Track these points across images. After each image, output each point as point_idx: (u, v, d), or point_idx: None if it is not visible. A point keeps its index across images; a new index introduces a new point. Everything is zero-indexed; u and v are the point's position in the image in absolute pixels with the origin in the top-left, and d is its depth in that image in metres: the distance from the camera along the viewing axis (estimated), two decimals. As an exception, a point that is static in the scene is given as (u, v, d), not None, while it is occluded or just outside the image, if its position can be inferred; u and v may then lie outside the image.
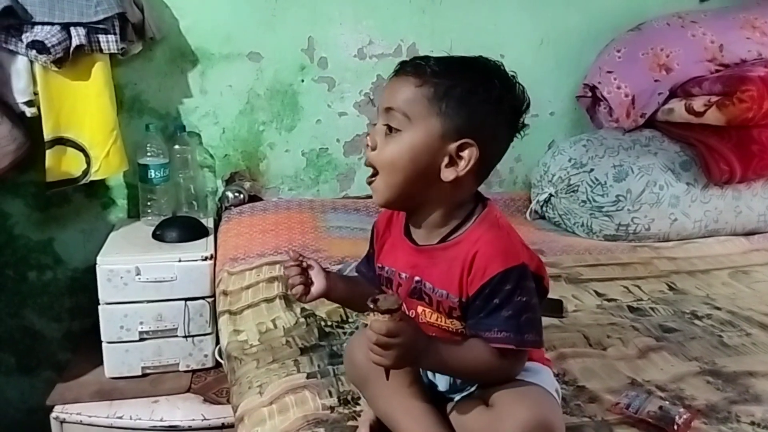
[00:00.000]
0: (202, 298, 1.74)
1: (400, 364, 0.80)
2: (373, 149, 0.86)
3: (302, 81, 2.07)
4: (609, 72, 2.13)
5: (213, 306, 1.72)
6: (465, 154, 0.84)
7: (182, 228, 1.84)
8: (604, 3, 2.25)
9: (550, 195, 2.06)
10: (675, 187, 1.94)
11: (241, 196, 2.04)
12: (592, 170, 1.97)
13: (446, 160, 0.84)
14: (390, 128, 0.85)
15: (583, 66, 2.25)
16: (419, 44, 2.13)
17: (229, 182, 2.09)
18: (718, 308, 1.51)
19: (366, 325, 0.86)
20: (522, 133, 0.91)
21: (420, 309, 0.91)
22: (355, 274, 1.07)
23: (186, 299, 1.72)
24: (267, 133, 2.10)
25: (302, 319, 1.33)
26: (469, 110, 0.84)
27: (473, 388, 0.92)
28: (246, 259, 1.64)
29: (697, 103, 1.96)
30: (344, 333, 1.28)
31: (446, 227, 0.88)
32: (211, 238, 1.85)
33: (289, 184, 2.16)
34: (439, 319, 0.90)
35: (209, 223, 1.96)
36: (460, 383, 0.93)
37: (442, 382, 0.95)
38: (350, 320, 1.33)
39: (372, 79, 2.13)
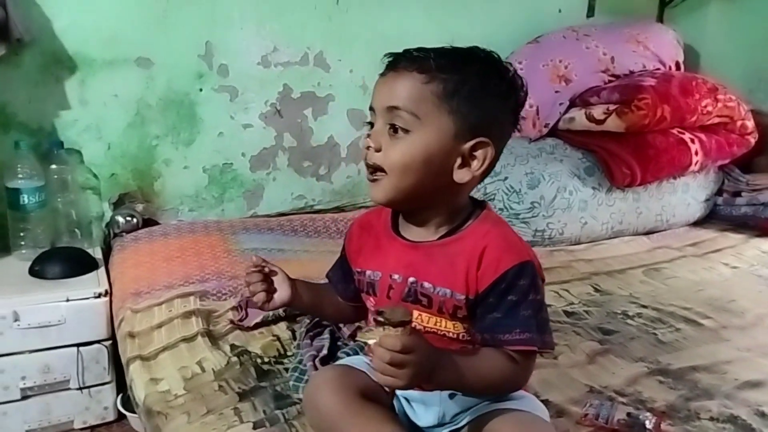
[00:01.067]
0: (98, 342, 1.48)
1: (413, 383, 0.70)
2: (378, 150, 0.80)
3: (200, 90, 1.88)
4: (514, 82, 2.16)
5: (112, 350, 1.48)
6: (479, 153, 0.80)
7: (66, 261, 1.57)
8: (503, 16, 2.30)
9: (467, 205, 2.04)
10: (582, 191, 2.00)
11: (134, 220, 1.80)
12: (506, 178, 1.98)
13: (459, 160, 0.80)
14: (395, 128, 0.78)
15: (486, 76, 2.27)
16: (327, 52, 2.03)
17: (117, 205, 1.84)
18: (645, 306, 1.55)
19: (364, 343, 0.77)
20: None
21: (416, 314, 0.82)
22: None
23: (78, 345, 1.46)
24: (161, 148, 1.87)
25: (234, 358, 1.15)
26: (482, 107, 0.79)
27: (463, 423, 0.84)
28: (151, 293, 1.42)
29: (597, 112, 2.05)
30: (285, 370, 1.13)
31: (447, 226, 0.84)
32: (101, 270, 1.60)
33: (189, 204, 1.95)
34: (439, 324, 0.82)
35: (96, 253, 1.69)
36: (450, 416, 0.83)
37: (429, 416, 0.86)
38: (289, 354, 1.18)
39: (278, 89, 1.99)
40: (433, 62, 0.78)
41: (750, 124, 2.19)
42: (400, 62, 0.80)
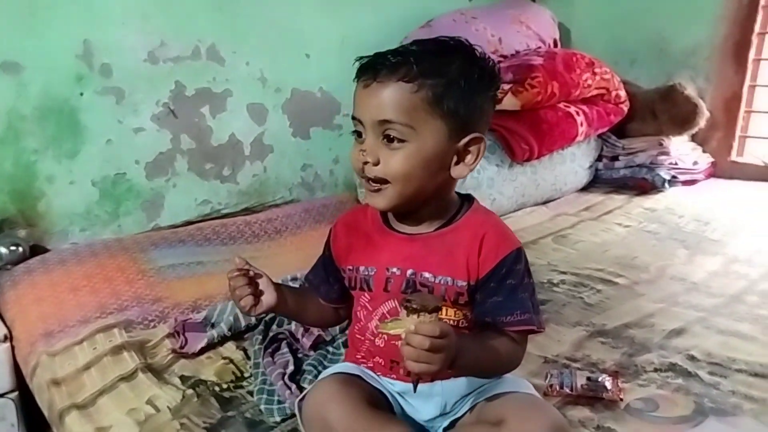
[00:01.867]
0: (2, 395, 1.29)
1: (444, 367, 0.71)
2: (375, 164, 0.80)
3: (81, 94, 1.68)
4: (412, 67, 2.18)
5: (20, 403, 1.29)
6: (473, 149, 0.82)
7: (-56, 307, 1.34)
8: (394, 3, 2.31)
9: (381, 193, 2.03)
10: (488, 169, 2.08)
11: (20, 249, 1.58)
12: (418, 163, 2.00)
13: (455, 158, 0.82)
14: (390, 138, 0.79)
15: (381, 62, 2.26)
16: (219, 45, 1.90)
17: (-5, 234, 1.59)
18: (564, 272, 1.65)
19: (387, 334, 0.78)
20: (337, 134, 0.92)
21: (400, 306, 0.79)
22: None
23: (-23, 402, 1.25)
24: (42, 163, 1.65)
25: (189, 390, 1.05)
26: (470, 104, 0.81)
27: (463, 410, 0.86)
28: (65, 331, 1.25)
29: (493, 92, 2.13)
30: (249, 393, 1.05)
31: (440, 218, 0.86)
32: (-8, 311, 1.39)
33: (80, 223, 1.74)
34: (440, 312, 0.80)
35: (-22, 292, 1.46)
36: (450, 405, 0.85)
37: (430, 408, 0.86)
38: (246, 375, 1.11)
39: (170, 87, 1.83)
40: (415, 68, 0.77)
41: (623, 93, 2.40)
42: (380, 71, 0.78)
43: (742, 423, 0.99)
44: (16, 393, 1.30)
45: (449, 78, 0.78)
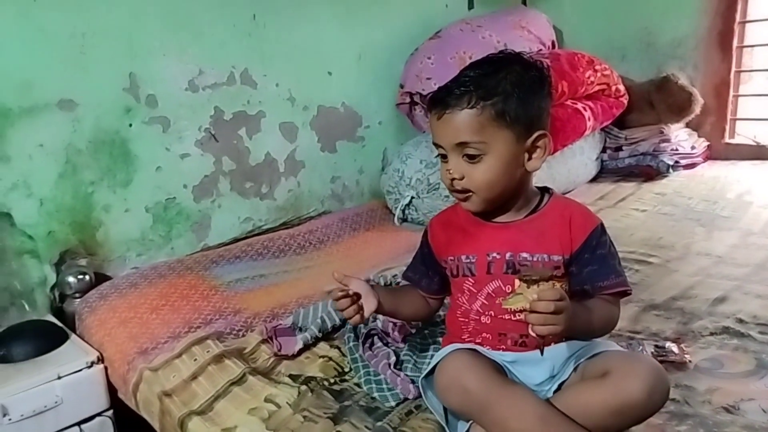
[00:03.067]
0: (99, 414, 1.35)
1: (567, 326, 0.82)
2: (461, 179, 0.94)
3: (131, 125, 1.75)
4: (428, 78, 2.29)
5: (116, 420, 1.36)
6: (540, 143, 0.95)
7: (32, 337, 1.41)
8: (400, 17, 2.43)
9: (412, 198, 2.14)
10: (509, 168, 2.20)
11: (86, 277, 1.64)
12: (445, 167, 2.11)
13: (526, 156, 0.95)
14: (470, 156, 0.93)
15: (395, 75, 2.38)
16: (252, 69, 1.99)
17: (59, 265, 1.65)
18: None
19: (510, 308, 0.87)
20: (361, 146, 1.06)
21: (517, 282, 0.90)
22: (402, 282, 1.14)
23: (79, 423, 1.32)
24: (98, 194, 1.72)
25: (303, 387, 1.13)
26: (528, 107, 0.92)
27: (569, 372, 0.95)
28: (159, 348, 1.33)
29: (506, 94, 2.25)
30: (357, 386, 1.14)
31: (526, 208, 0.99)
32: (74, 338, 1.45)
33: (136, 249, 1.81)
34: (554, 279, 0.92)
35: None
36: (558, 367, 0.95)
37: (541, 372, 0.95)
38: (347, 370, 1.19)
39: (210, 113, 1.91)
40: (475, 95, 0.91)
41: (622, 87, 2.55)
42: (449, 103, 0.92)
43: (799, 371, 1.12)
44: (111, 411, 1.37)
45: (505, 93, 0.91)
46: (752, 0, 2.61)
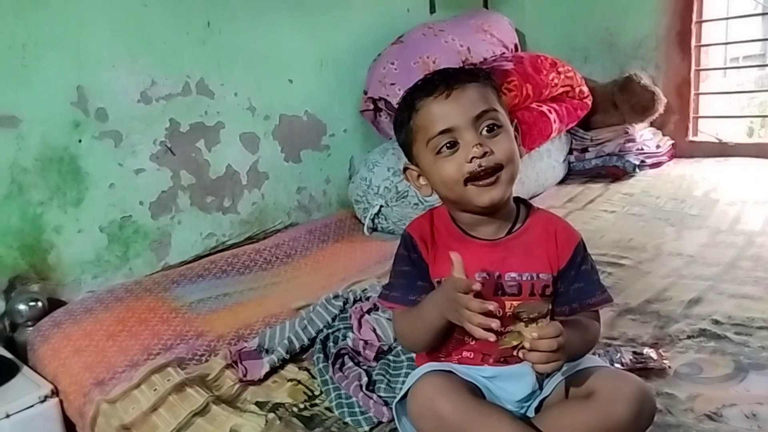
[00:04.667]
0: (53, 452, 1.26)
1: (566, 359, 0.80)
2: (490, 154, 0.87)
3: (80, 141, 1.66)
4: (392, 84, 2.24)
5: (71, 456, 1.27)
6: (518, 132, 0.95)
7: (-24, 372, 1.30)
8: (362, 21, 2.38)
9: (381, 206, 2.09)
10: (477, 173, 2.17)
11: (39, 304, 1.54)
12: (413, 174, 2.06)
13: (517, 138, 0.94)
14: (491, 128, 0.88)
15: (358, 81, 2.33)
16: (208, 79, 1.91)
17: (9, 292, 1.55)
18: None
19: (513, 347, 0.80)
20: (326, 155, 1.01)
21: (508, 304, 0.87)
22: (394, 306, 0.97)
23: (31, 464, 1.22)
24: (48, 214, 1.62)
25: (270, 415, 1.07)
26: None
27: (551, 389, 0.91)
28: (116, 378, 1.24)
29: (471, 98, 2.22)
30: (328, 410, 1.08)
31: (507, 223, 0.94)
32: (26, 370, 1.35)
33: (91, 271, 1.71)
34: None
35: None
36: (543, 381, 0.91)
37: (523, 387, 0.91)
38: (317, 394, 1.13)
39: (165, 125, 1.83)
40: (475, 70, 0.92)
41: (585, 89, 2.55)
42: (457, 78, 0.89)
43: (778, 373, 1.10)
44: (66, 447, 1.28)
45: (489, 79, 0.92)
46: (706, 0, 2.65)
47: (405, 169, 0.98)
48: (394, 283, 0.96)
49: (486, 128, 0.88)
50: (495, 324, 0.78)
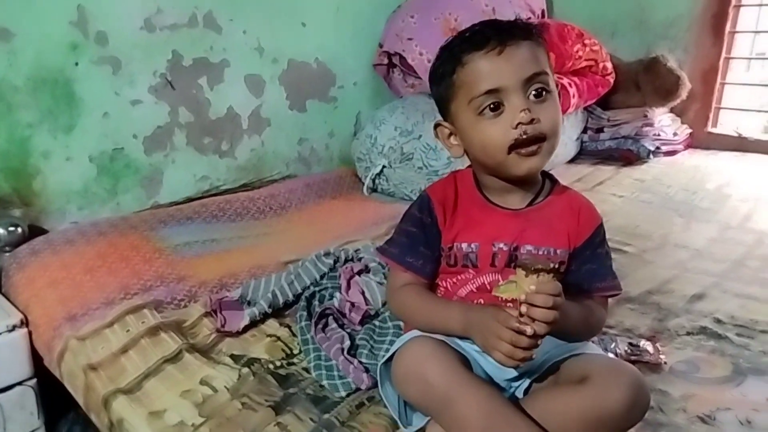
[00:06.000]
0: (19, 383, 1.22)
1: (557, 324, 0.74)
2: (537, 122, 0.80)
3: (77, 64, 1.58)
4: (409, 39, 2.15)
5: (38, 390, 1.23)
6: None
7: (-53, 293, 1.25)
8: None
9: (383, 167, 2.01)
10: (487, 142, 2.09)
11: (19, 229, 1.49)
12: (420, 136, 1.98)
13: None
14: (540, 93, 0.81)
15: (375, 33, 2.22)
16: (216, 12, 1.82)
17: (-11, 214, 1.49)
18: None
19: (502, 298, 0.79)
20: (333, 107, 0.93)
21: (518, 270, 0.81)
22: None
23: (-6, 393, 1.19)
24: (37, 138, 1.55)
25: (244, 369, 1.02)
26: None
27: (543, 371, 0.86)
28: (90, 314, 1.19)
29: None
30: (305, 370, 1.03)
31: (531, 193, 0.89)
32: (-1, 298, 1.31)
33: (77, 201, 1.65)
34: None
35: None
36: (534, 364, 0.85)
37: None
38: (296, 353, 1.08)
39: (167, 56, 1.74)
40: (531, 26, 0.84)
41: (609, 65, 2.44)
42: (512, 33, 0.81)
43: (778, 380, 1.05)
44: (34, 380, 1.24)
45: (541, 36, 0.85)
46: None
47: (437, 125, 0.91)
48: (396, 240, 0.92)
49: (534, 92, 0.81)
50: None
